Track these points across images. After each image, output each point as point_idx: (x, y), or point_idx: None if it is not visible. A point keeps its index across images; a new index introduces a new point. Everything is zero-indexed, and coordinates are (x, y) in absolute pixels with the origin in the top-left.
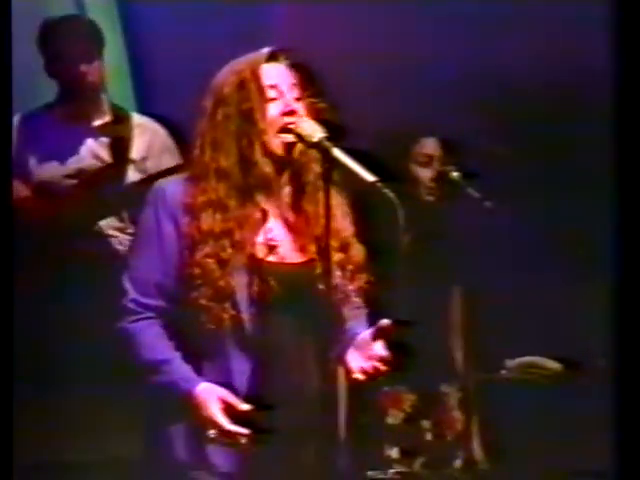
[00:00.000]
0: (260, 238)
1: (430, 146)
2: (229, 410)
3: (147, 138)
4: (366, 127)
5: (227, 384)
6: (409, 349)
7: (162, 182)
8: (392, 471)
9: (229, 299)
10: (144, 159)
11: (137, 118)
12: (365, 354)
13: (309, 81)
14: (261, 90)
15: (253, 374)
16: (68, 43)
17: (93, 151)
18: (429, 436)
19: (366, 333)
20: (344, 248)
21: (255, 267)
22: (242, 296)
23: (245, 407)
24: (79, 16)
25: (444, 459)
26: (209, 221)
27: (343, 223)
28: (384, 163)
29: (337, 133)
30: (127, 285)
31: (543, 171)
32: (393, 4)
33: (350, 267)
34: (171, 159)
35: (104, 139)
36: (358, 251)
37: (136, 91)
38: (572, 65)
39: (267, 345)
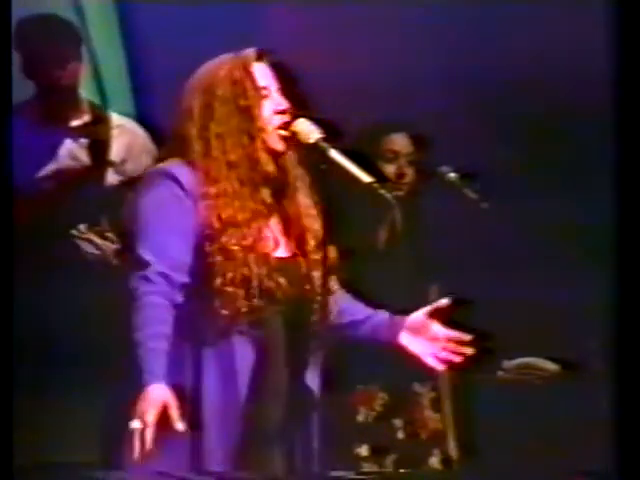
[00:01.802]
0: (268, 232)
1: (397, 142)
2: (163, 416)
3: (126, 139)
4: (360, 127)
5: (229, 368)
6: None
7: (163, 165)
8: (356, 471)
9: (249, 287)
10: (123, 161)
11: (116, 119)
12: (428, 337)
13: (287, 81)
14: (256, 88)
15: (256, 362)
16: (41, 44)
17: (71, 152)
18: (401, 435)
19: (418, 315)
20: (322, 246)
21: (265, 261)
22: (255, 286)
23: (180, 427)
24: (54, 15)
25: (417, 458)
26: (229, 210)
27: (318, 223)
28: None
29: (334, 134)
30: (149, 257)
31: (542, 171)
32: (389, 4)
33: (328, 264)
34: (150, 160)
35: (82, 140)
36: (332, 249)
37: (134, 92)
38: (572, 64)
39: (270, 335)
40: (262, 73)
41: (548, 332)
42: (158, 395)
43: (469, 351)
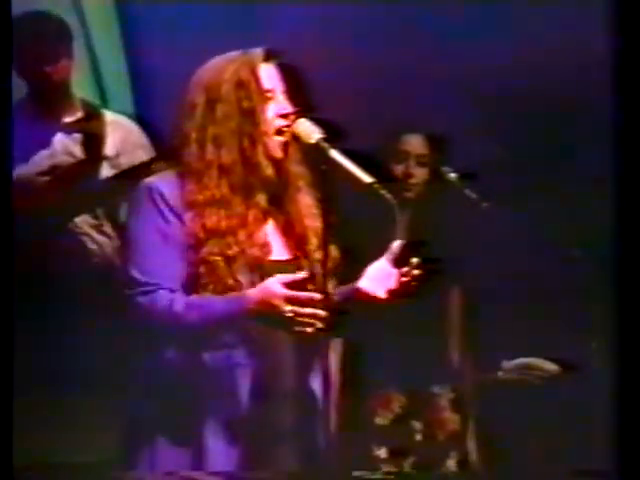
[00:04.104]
0: (260, 238)
1: (410, 142)
2: (295, 287)
3: (120, 135)
4: (362, 128)
5: (230, 378)
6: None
7: (151, 180)
8: (380, 471)
9: None
10: (118, 155)
11: (109, 115)
12: (384, 276)
13: (292, 82)
14: (261, 91)
15: (257, 370)
16: (31, 42)
17: (66, 147)
18: (419, 437)
19: (377, 263)
20: (323, 246)
21: (257, 267)
22: None
23: (301, 274)
24: (43, 13)
25: (435, 459)
26: (214, 219)
27: (320, 221)
28: (381, 164)
29: (334, 134)
30: (140, 277)
31: (542, 171)
32: (391, 5)
33: (330, 264)
34: (145, 155)
35: (76, 135)
36: (334, 249)
37: (134, 93)
38: (571, 64)
39: (270, 342)
40: (269, 75)
41: (548, 332)
42: (267, 286)
43: (416, 272)
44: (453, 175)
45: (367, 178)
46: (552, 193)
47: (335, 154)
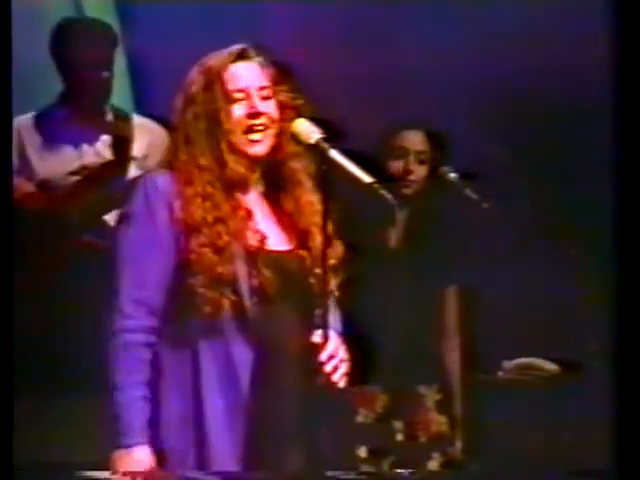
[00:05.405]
0: (251, 228)
1: (409, 139)
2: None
3: (148, 137)
4: (362, 128)
5: (228, 371)
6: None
7: (151, 172)
8: (355, 471)
9: (229, 286)
10: (145, 157)
11: (137, 119)
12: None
13: (285, 77)
14: (226, 92)
15: (255, 362)
16: (90, 50)
17: (95, 149)
18: (400, 436)
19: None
20: (327, 242)
21: (252, 256)
22: (244, 284)
23: None
24: (99, 21)
25: (415, 460)
26: (200, 211)
27: (321, 218)
28: (381, 164)
29: (334, 134)
30: (124, 285)
31: (542, 171)
32: (391, 5)
33: (332, 261)
34: None
35: (106, 137)
36: (338, 246)
37: (134, 92)
38: (572, 64)
39: (268, 333)
40: (241, 73)
41: (548, 332)
42: (138, 463)
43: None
44: (453, 175)
45: (367, 178)
46: (552, 193)
47: (335, 154)
